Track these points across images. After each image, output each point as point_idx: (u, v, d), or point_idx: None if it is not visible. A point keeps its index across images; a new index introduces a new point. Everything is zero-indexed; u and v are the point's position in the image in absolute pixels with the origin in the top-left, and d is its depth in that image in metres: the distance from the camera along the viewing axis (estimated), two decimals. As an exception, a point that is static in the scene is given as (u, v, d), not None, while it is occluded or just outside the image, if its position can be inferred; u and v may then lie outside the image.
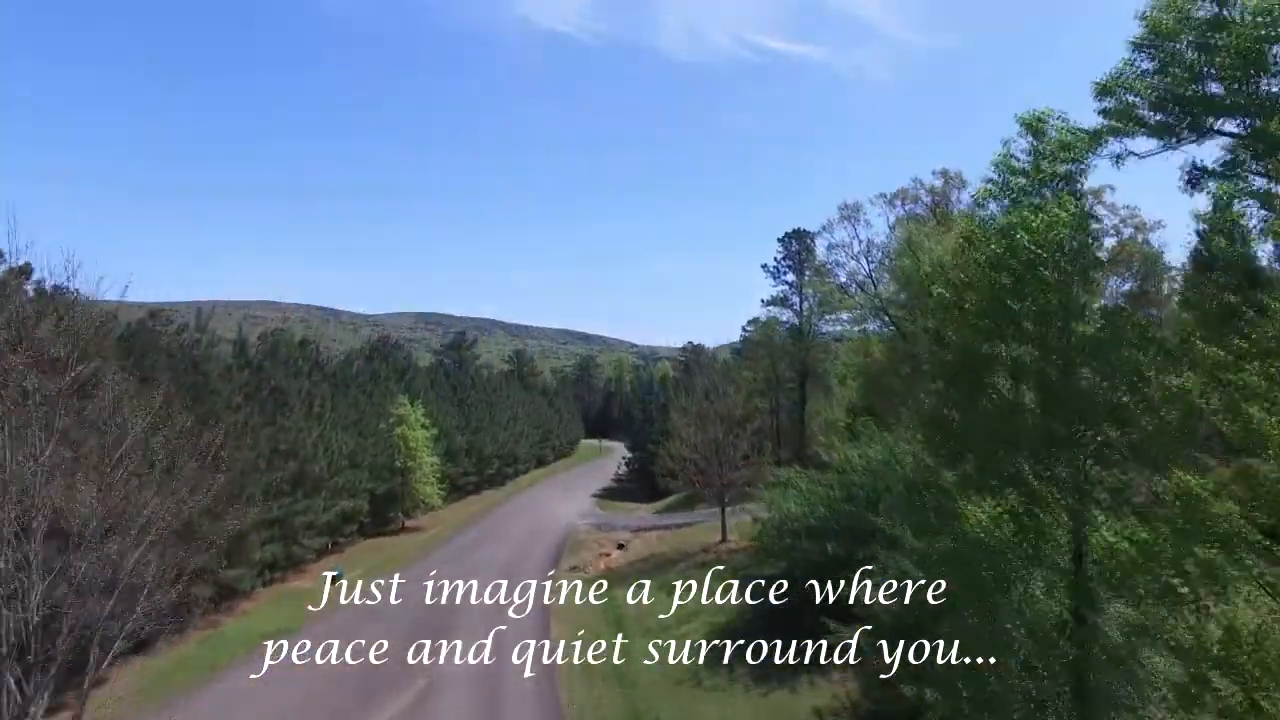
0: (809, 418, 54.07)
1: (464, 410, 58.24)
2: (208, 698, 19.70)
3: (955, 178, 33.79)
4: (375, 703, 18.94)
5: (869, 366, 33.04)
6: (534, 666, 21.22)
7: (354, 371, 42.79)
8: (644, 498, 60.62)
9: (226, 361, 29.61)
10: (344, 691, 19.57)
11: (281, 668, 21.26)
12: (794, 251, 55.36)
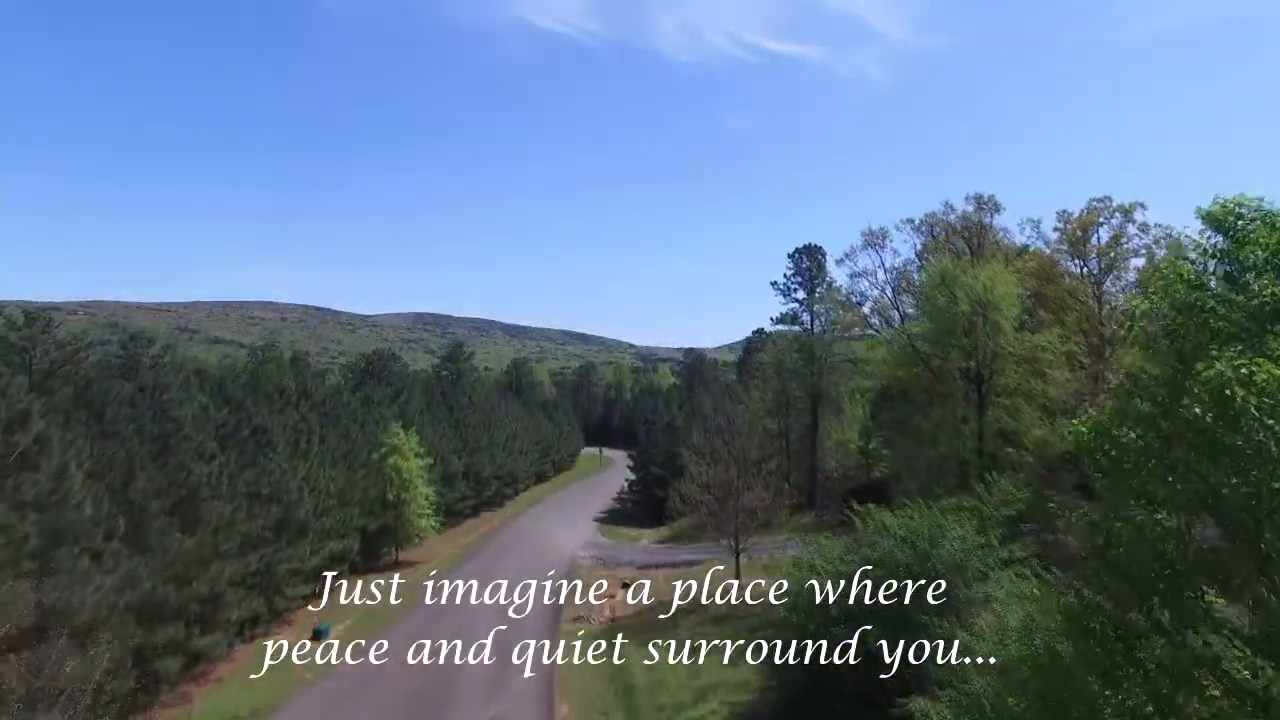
0: (821, 439, 51.95)
1: (461, 431, 56.00)
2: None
3: (989, 202, 31.60)
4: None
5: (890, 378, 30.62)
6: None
7: (344, 399, 40.44)
8: (647, 521, 58.41)
9: (202, 401, 27.34)
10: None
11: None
12: (804, 268, 53.20)
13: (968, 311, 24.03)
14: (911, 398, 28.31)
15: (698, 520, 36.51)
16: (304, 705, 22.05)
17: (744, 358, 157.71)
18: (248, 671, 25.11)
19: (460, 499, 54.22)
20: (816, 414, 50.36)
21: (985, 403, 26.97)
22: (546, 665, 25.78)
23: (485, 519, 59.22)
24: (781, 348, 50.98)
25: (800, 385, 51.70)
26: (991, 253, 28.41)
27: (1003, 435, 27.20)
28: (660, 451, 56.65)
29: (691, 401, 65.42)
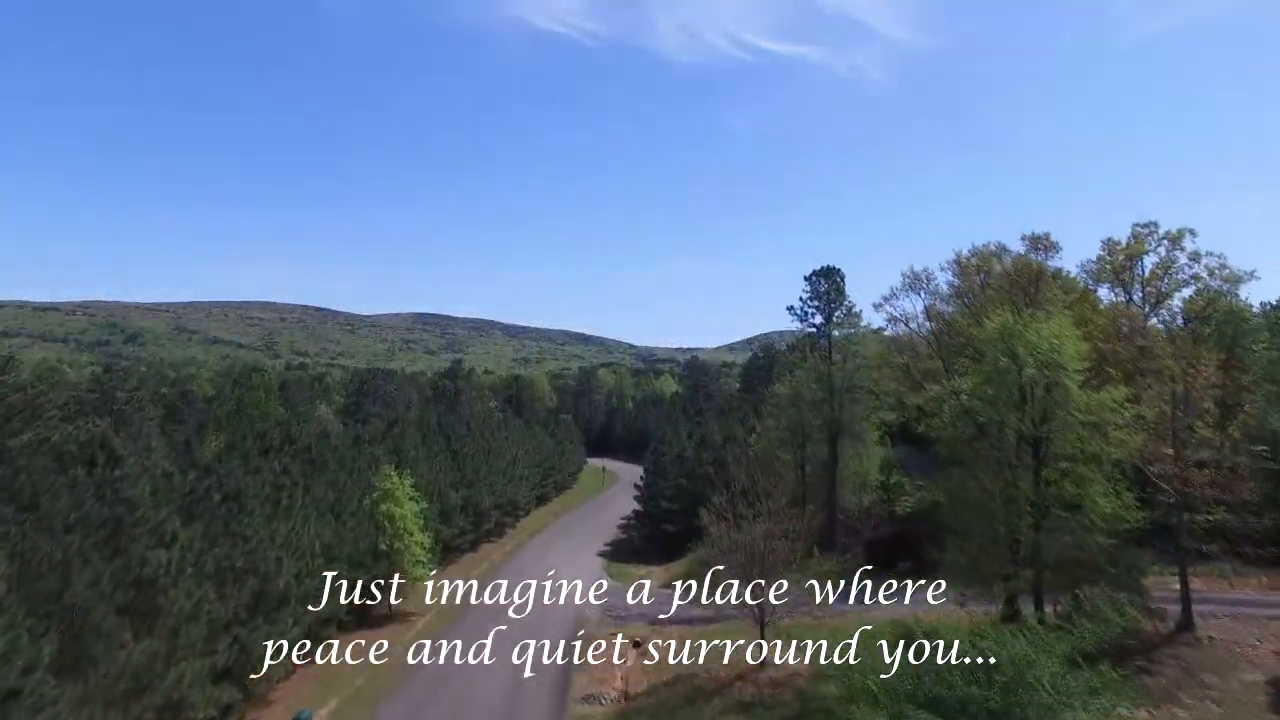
0: (841, 474, 49.04)
1: (459, 462, 53.11)
2: None
3: (1044, 241, 28.69)
4: None
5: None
6: None
7: (332, 441, 37.50)
8: (655, 556, 55.53)
9: (165, 468, 24.37)
10: None
11: None
12: (822, 292, 50.30)
13: (1033, 375, 21.19)
14: (960, 458, 25.41)
15: (715, 589, 33.30)
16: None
17: (748, 367, 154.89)
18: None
19: (458, 534, 51.40)
20: (836, 448, 47.45)
21: (1043, 468, 24.11)
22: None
23: (485, 553, 56.35)
24: (799, 379, 47.95)
25: (818, 416, 48.79)
26: (1048, 297, 25.68)
27: (1063, 504, 24.35)
28: (669, 485, 53.72)
29: (700, 427, 62.45)
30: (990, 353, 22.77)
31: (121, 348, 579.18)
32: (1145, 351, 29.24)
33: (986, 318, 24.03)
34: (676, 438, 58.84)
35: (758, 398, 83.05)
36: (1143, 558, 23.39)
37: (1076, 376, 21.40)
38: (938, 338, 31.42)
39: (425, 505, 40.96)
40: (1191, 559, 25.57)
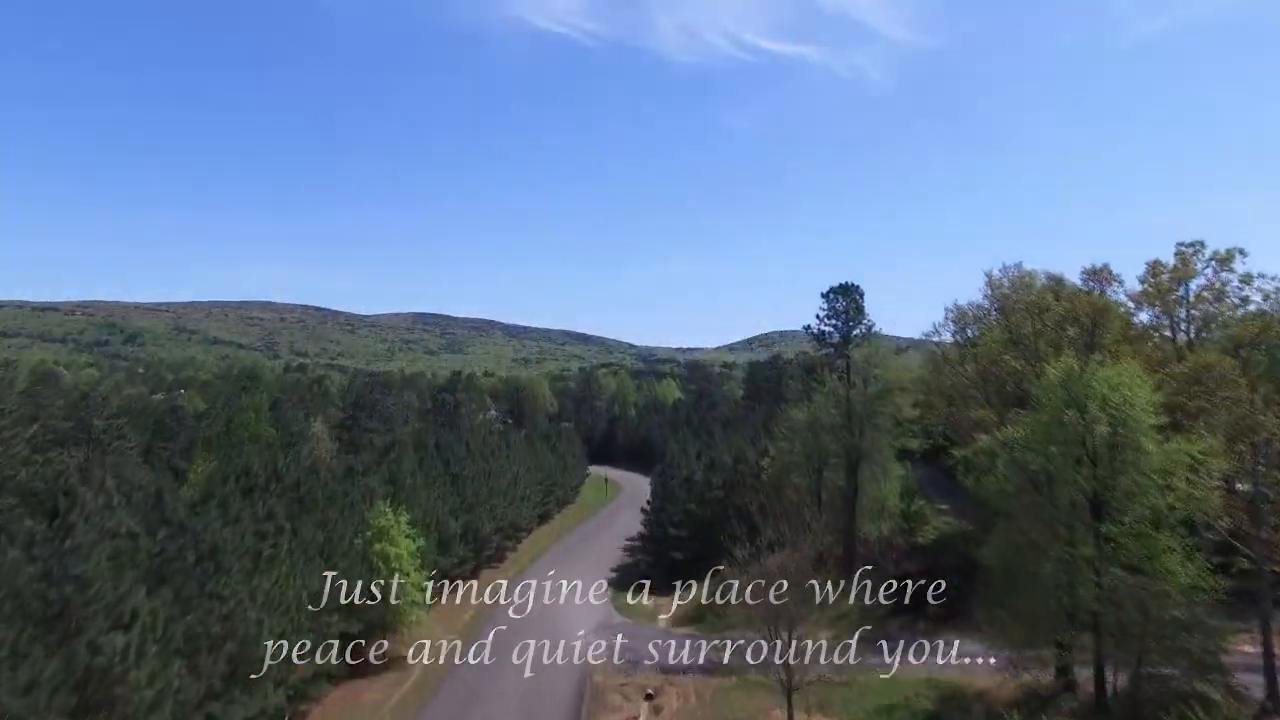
0: (860, 500, 46.51)
1: (458, 486, 50.65)
2: None
3: (1104, 273, 26.18)
4: None
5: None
6: None
7: (322, 476, 34.99)
8: (663, 582, 53.02)
9: (130, 528, 21.85)
10: None
11: None
12: (840, 310, 47.83)
13: (1107, 434, 18.74)
14: (1008, 511, 22.89)
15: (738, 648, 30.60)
16: None
17: (752, 374, 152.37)
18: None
19: (458, 564, 48.93)
20: (857, 477, 44.96)
21: (1102, 524, 21.63)
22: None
23: (486, 579, 53.88)
24: (817, 404, 45.44)
25: (836, 442, 46.29)
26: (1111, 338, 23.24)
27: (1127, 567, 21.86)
28: (678, 510, 51.25)
29: (709, 448, 59.92)
30: (1050, 402, 20.32)
31: (121, 348, 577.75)
32: (1204, 386, 26.71)
33: (1047, 363, 21.50)
34: (685, 458, 56.32)
35: (766, 412, 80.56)
36: (1220, 631, 20.93)
37: (1152, 433, 18.96)
38: (984, 380, 28.83)
39: (422, 542, 38.49)
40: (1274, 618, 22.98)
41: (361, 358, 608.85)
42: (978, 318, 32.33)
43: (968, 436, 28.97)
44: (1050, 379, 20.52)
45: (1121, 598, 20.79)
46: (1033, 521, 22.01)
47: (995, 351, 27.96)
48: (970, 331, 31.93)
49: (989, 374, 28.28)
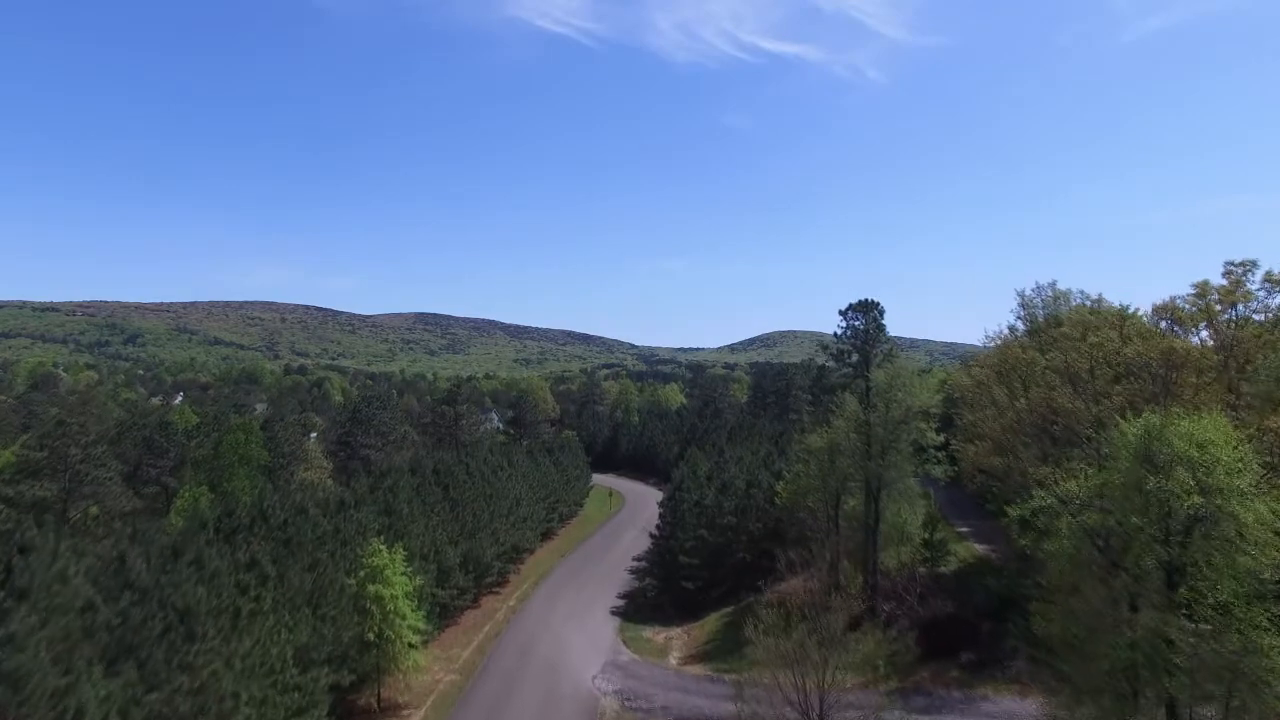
0: (881, 529, 44.08)
1: (458, 512, 48.36)
2: None
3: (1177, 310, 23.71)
4: None
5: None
6: None
7: (310, 514, 32.62)
8: (674, 613, 50.68)
9: (87, 596, 19.45)
10: None
11: None
12: (860, 329, 45.39)
13: (1200, 503, 16.34)
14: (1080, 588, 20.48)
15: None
16: None
17: (757, 382, 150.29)
18: None
19: (458, 594, 46.64)
20: (877, 506, 42.57)
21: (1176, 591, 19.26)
22: None
23: (487, 608, 51.58)
24: (837, 429, 43.04)
25: (856, 467, 43.90)
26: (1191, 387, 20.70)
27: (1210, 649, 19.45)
28: (689, 536, 48.90)
29: (720, 469, 57.57)
30: (1123, 460, 17.96)
31: (122, 348, 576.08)
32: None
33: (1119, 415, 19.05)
34: (695, 480, 53.95)
35: (776, 426, 78.26)
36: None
37: (1247, 502, 16.58)
38: (1044, 429, 26.30)
39: (420, 581, 36.20)
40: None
41: (362, 358, 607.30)
42: (1023, 345, 29.92)
43: (1012, 482, 26.41)
44: (1125, 436, 18.14)
45: (1204, 678, 18.42)
46: (1096, 588, 19.64)
47: (1043, 392, 25.35)
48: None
49: (1036, 411, 25.70)
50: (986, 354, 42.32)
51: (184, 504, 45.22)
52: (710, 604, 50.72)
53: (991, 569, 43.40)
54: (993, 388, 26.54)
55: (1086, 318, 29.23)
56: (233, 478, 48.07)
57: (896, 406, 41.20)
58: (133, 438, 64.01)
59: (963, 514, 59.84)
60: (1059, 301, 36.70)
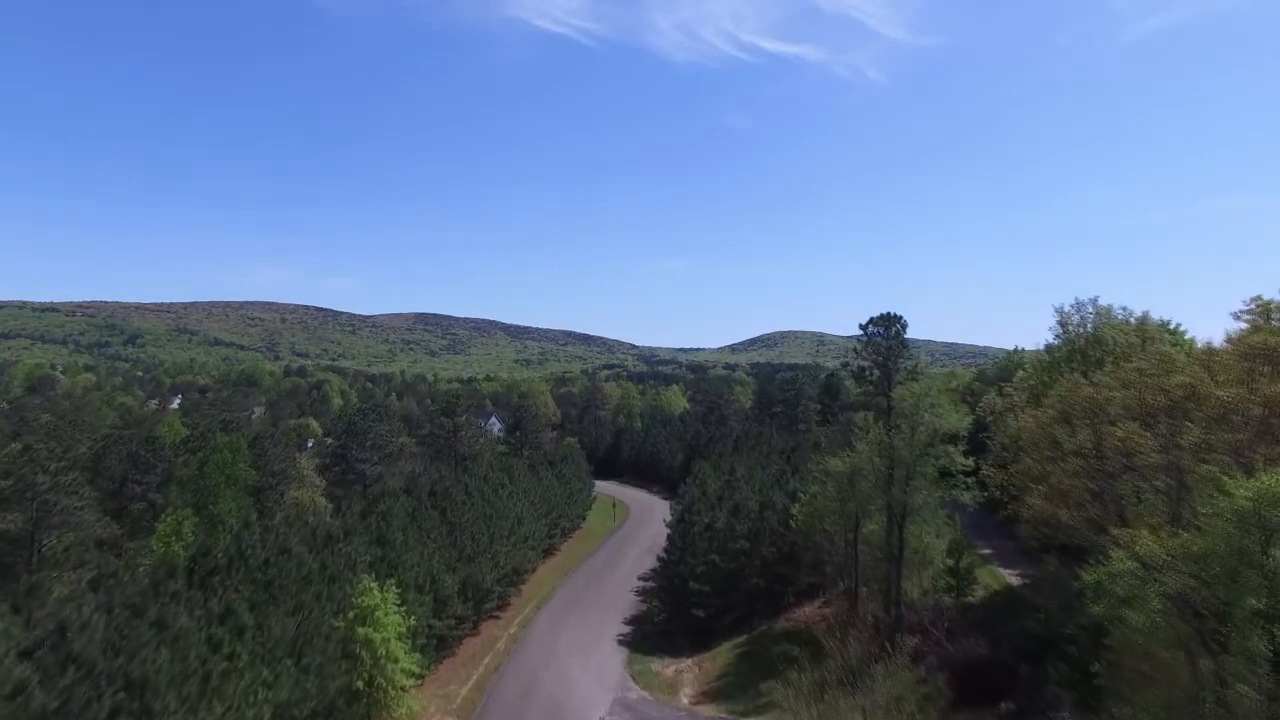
0: (907, 558, 41.55)
1: (455, 537, 45.84)
2: None
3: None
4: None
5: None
6: None
7: (293, 549, 30.05)
8: (683, 639, 48.11)
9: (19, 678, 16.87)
10: None
11: None
12: (881, 344, 42.89)
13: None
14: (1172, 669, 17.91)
15: None
16: None
17: (761, 389, 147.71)
18: None
19: (456, 624, 44.10)
20: (902, 533, 40.03)
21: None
22: None
23: (487, 635, 49.03)
24: (860, 453, 40.49)
25: (879, 492, 41.38)
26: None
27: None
28: (700, 561, 46.38)
29: (732, 489, 55.02)
30: (1225, 523, 15.46)
31: (121, 349, 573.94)
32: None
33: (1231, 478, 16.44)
34: (704, 500, 51.42)
35: (790, 443, 75.75)
36: None
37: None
38: (1114, 476, 23.60)
39: (414, 620, 33.70)
40: None
41: (363, 359, 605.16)
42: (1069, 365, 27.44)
43: (1077, 536, 23.72)
44: (1233, 499, 15.57)
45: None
46: (1180, 663, 17.12)
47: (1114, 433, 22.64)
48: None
49: (1110, 457, 22.90)
50: (1023, 377, 39.79)
51: (166, 529, 42.71)
52: (722, 632, 48.17)
53: (1024, 603, 40.88)
54: (1054, 428, 24.01)
55: (1164, 350, 26.77)
56: (218, 500, 45.57)
57: (923, 429, 38.67)
58: (117, 452, 61.48)
59: (984, 534, 57.29)
60: (1101, 319, 34.17)
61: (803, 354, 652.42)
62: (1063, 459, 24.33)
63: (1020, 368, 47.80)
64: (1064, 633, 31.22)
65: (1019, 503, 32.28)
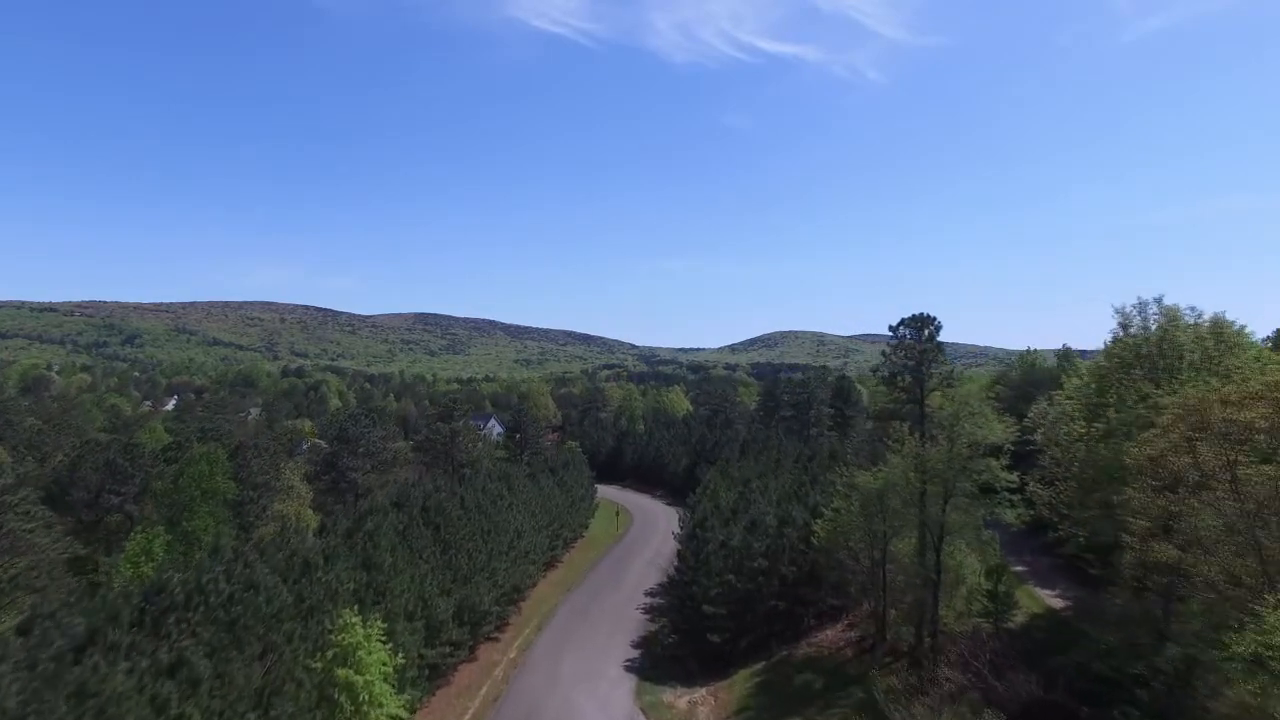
0: (945, 584, 38.05)
1: (450, 556, 42.36)
2: None
3: None
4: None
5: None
6: None
7: (263, 580, 26.50)
8: (695, 664, 44.60)
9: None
10: None
11: None
12: (913, 348, 39.38)
13: None
14: None
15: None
16: None
17: (766, 391, 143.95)
18: None
19: (450, 651, 40.63)
20: (939, 556, 36.52)
21: None
22: None
23: (484, 660, 45.56)
24: (893, 465, 36.99)
25: (911, 508, 37.89)
26: None
27: None
28: (714, 583, 42.89)
29: (747, 503, 51.52)
30: None
31: (120, 349, 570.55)
32: None
33: None
34: (719, 517, 47.90)
35: (806, 451, 72.25)
36: None
37: None
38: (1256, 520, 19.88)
39: (402, 657, 30.21)
40: None
41: (362, 359, 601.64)
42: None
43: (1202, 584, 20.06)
44: None
45: None
46: None
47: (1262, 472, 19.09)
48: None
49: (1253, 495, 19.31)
50: (1078, 386, 36.29)
51: (136, 548, 39.26)
52: (738, 657, 44.67)
53: (1072, 631, 37.44)
54: (1172, 455, 20.51)
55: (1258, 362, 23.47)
56: (193, 515, 42.08)
57: (963, 440, 35.15)
58: (93, 460, 57.97)
59: (1016, 550, 53.81)
60: (1169, 320, 30.75)
61: (803, 354, 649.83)
62: (1191, 494, 20.75)
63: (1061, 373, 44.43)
64: (1134, 674, 27.79)
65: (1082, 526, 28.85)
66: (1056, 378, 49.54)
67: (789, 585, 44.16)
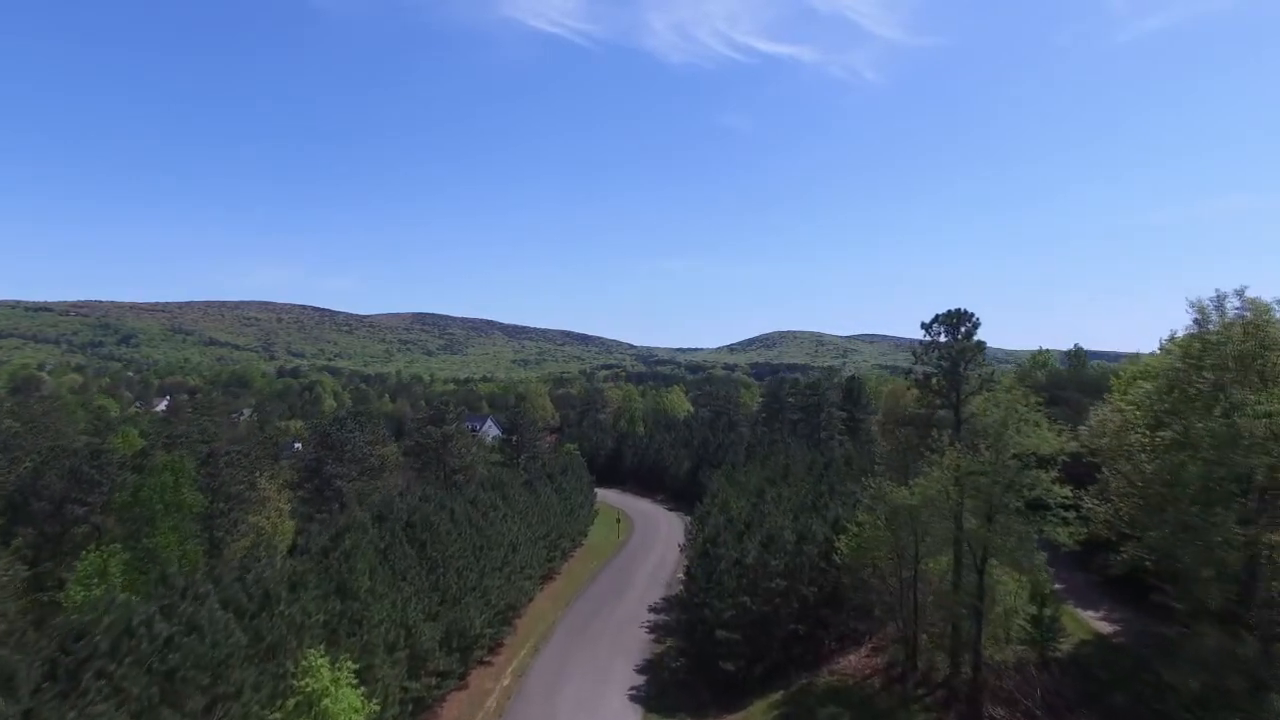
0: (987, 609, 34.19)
1: (437, 576, 38.50)
2: None
3: None
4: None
5: None
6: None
7: (213, 639, 22.58)
8: (708, 692, 40.83)
9: None
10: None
11: None
12: (949, 348, 35.59)
13: None
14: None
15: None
16: None
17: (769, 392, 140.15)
18: None
19: (438, 682, 36.82)
20: (982, 579, 32.71)
21: None
22: None
23: (476, 688, 41.66)
24: (932, 479, 33.15)
25: (948, 524, 34.07)
26: None
27: None
28: (727, 605, 39.09)
29: (762, 515, 47.68)
30: None
31: (115, 349, 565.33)
32: None
33: None
34: (731, 532, 44.09)
35: (820, 459, 68.46)
36: None
37: None
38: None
39: (377, 703, 26.38)
40: None
41: (359, 359, 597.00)
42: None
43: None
44: None
45: None
46: None
47: None
48: None
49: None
50: (1149, 392, 32.57)
51: (88, 569, 35.40)
52: (753, 685, 40.85)
53: (1125, 660, 33.68)
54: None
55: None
56: (155, 531, 38.22)
57: (1009, 450, 31.37)
58: (57, 467, 54.09)
59: (1051, 563, 50.00)
60: (1260, 315, 27.06)
61: (801, 354, 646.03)
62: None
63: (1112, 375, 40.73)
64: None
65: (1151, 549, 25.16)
66: (1104, 380, 45.81)
67: (810, 607, 40.40)
